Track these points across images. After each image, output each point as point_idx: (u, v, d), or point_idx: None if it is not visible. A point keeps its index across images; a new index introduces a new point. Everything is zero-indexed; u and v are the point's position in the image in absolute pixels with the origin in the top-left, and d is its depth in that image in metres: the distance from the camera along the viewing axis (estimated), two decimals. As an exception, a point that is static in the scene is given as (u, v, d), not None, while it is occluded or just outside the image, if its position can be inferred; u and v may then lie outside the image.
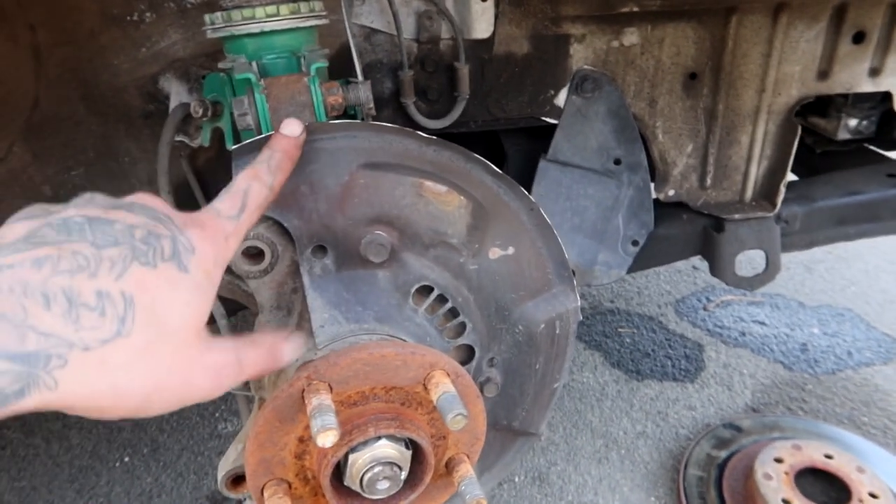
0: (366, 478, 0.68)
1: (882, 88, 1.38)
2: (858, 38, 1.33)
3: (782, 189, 1.44)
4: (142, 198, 0.58)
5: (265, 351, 0.62)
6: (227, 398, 2.13)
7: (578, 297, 0.94)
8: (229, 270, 0.77)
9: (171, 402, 0.54)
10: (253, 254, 0.75)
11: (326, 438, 0.59)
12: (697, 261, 2.74)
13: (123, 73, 1.21)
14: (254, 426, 0.67)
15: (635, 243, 1.43)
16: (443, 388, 0.67)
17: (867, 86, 1.38)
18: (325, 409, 0.61)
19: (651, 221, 1.42)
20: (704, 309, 2.48)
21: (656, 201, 1.46)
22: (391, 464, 0.68)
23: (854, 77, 1.37)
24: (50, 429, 2.08)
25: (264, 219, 0.75)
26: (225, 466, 0.83)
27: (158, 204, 0.57)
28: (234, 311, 1.22)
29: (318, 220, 0.75)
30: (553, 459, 1.88)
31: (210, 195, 1.35)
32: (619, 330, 2.39)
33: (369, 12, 1.17)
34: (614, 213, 1.42)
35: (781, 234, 1.50)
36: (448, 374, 0.69)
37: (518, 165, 1.48)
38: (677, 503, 1.71)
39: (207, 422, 2.07)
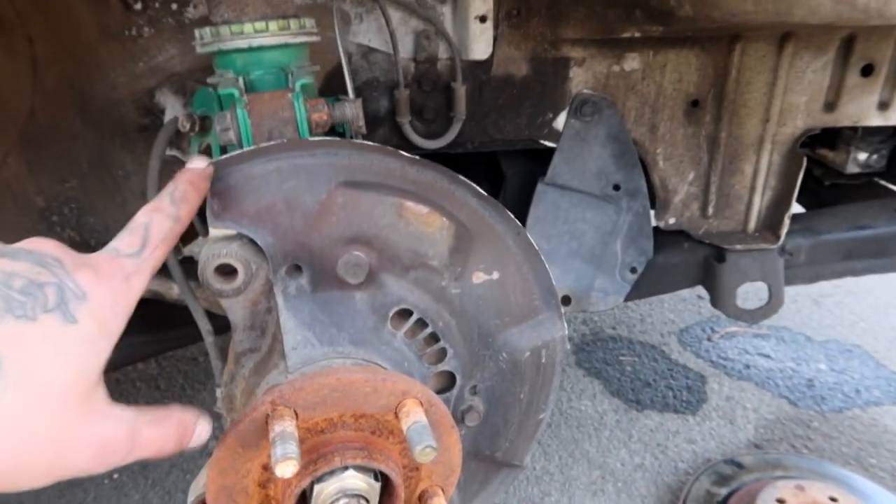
0: (331, 507, 0.65)
1: (891, 123, 1.35)
2: (867, 70, 1.30)
3: (786, 221, 1.40)
4: (32, 242, 0.52)
5: (170, 432, 0.57)
6: (219, 416, 2.10)
7: (566, 326, 0.91)
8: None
9: (38, 478, 0.48)
10: (226, 272, 0.73)
11: (286, 468, 0.57)
12: (702, 290, 2.70)
13: (120, 87, 1.21)
14: (215, 452, 0.64)
15: (633, 270, 1.40)
16: (414, 417, 0.65)
17: (876, 119, 1.35)
18: (287, 437, 0.59)
19: (650, 249, 1.39)
20: (708, 339, 2.44)
21: (656, 229, 1.43)
22: (358, 496, 0.65)
23: (862, 110, 1.34)
24: (41, 440, 2.06)
25: (238, 236, 0.73)
26: (195, 491, 0.80)
27: (49, 246, 0.52)
28: (224, 329, 1.20)
29: (293, 238, 0.73)
30: (547, 490, 1.84)
31: (201, 212, 1.35)
32: (621, 358, 2.35)
33: (367, 30, 1.17)
34: (613, 238, 1.39)
35: (785, 267, 1.47)
36: (421, 403, 0.67)
37: (516, 187, 1.46)
38: (674, 541, 1.66)
39: (198, 439, 2.04)
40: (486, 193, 0.80)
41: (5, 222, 1.30)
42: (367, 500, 0.66)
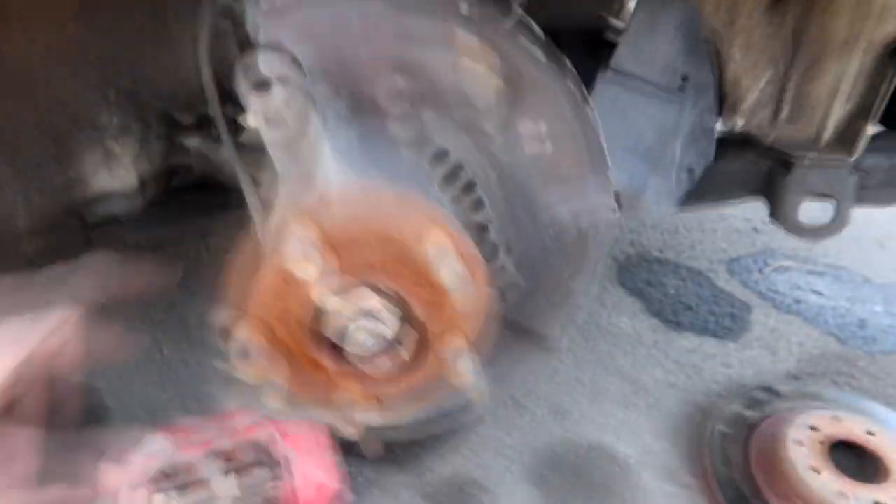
0: (348, 330, 0.64)
1: None
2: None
3: (865, 134, 1.30)
4: None
5: None
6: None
7: (613, 198, 0.87)
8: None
9: None
10: (263, 86, 0.71)
11: (305, 270, 0.55)
12: (760, 223, 2.59)
13: None
14: (238, 253, 0.64)
15: (691, 172, 1.33)
16: (442, 243, 0.62)
17: None
18: (307, 241, 0.57)
19: (712, 151, 1.31)
20: (760, 272, 2.35)
21: (720, 138, 1.35)
22: (376, 319, 0.64)
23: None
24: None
25: (279, 53, 0.70)
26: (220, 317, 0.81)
27: None
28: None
29: (335, 58, 0.69)
30: (577, 398, 1.84)
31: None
32: (664, 280, 2.29)
33: None
34: (673, 138, 1.32)
35: (858, 187, 1.37)
36: (450, 235, 0.64)
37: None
38: (699, 456, 1.65)
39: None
40: (545, 37, 0.75)
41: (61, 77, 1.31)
42: (385, 325, 0.65)
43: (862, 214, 2.42)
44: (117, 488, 1.36)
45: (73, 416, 0.74)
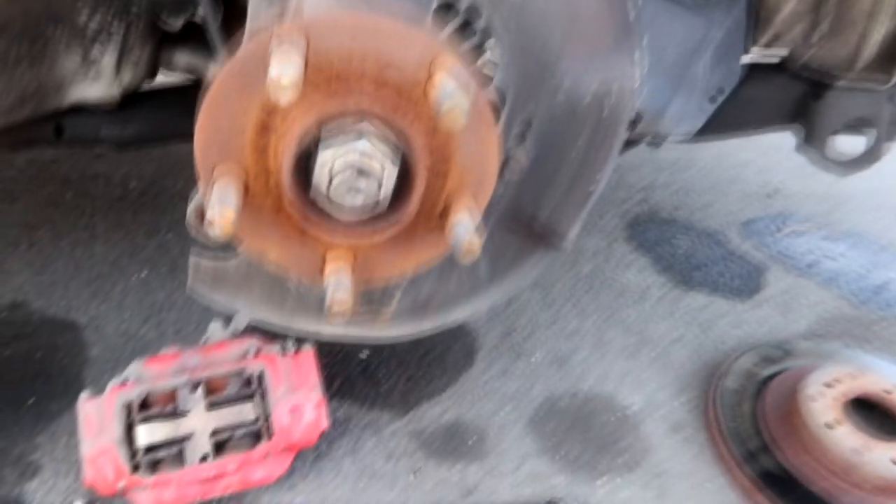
0: (336, 177, 0.54)
1: None
2: None
3: (907, 57, 1.20)
4: None
5: None
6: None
7: (638, 76, 0.77)
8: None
9: None
10: None
11: (284, 69, 0.45)
12: (772, 187, 2.50)
13: None
14: (212, 82, 0.54)
15: (720, 93, 1.22)
16: (451, 69, 0.52)
17: None
18: (292, 48, 0.47)
19: (738, 70, 1.21)
20: (774, 235, 2.25)
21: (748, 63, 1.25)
22: (371, 160, 0.54)
23: None
24: (78, 237, 2.07)
25: None
26: (193, 202, 0.72)
27: None
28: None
29: None
30: (578, 346, 1.75)
31: None
32: (676, 239, 2.20)
33: None
34: (698, 56, 1.22)
35: (898, 116, 1.27)
36: (463, 65, 0.54)
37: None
38: (706, 409, 1.56)
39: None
40: None
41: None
42: (381, 170, 0.55)
43: (881, 183, 2.34)
44: (96, 417, 1.29)
45: None
